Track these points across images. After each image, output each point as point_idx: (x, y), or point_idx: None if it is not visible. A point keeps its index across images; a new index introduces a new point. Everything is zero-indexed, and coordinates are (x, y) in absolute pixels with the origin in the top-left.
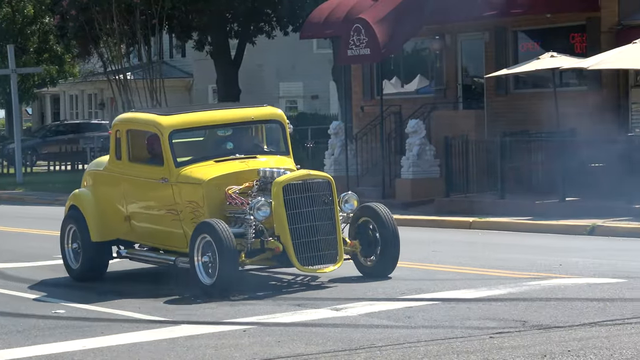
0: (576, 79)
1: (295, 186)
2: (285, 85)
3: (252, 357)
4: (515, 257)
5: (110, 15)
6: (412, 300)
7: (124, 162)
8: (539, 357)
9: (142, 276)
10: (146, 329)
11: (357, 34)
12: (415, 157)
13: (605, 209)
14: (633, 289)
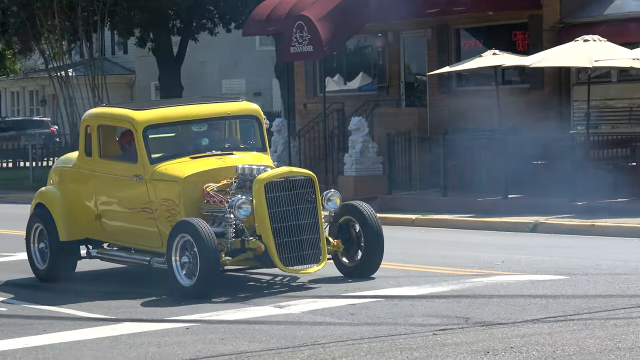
0: (518, 76)
1: (277, 184)
2: (227, 82)
3: (195, 354)
4: (458, 254)
5: (51, 12)
6: (355, 297)
7: (95, 159)
8: (481, 354)
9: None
10: (89, 327)
11: (300, 31)
12: (358, 155)
13: (548, 206)
14: (575, 285)
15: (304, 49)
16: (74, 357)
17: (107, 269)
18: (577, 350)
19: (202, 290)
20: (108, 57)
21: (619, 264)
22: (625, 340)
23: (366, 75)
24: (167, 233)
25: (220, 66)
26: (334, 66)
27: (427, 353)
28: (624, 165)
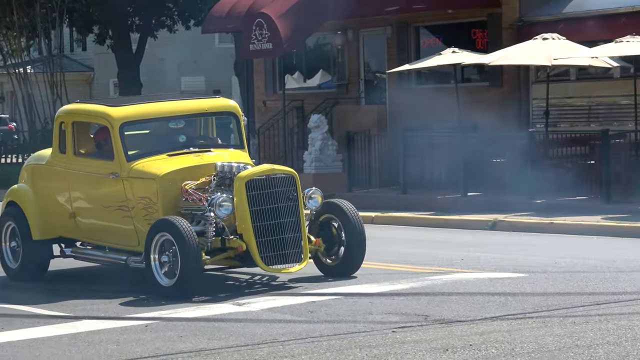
0: (478, 74)
1: (259, 182)
2: (187, 80)
3: (154, 352)
4: (417, 251)
5: (10, 8)
6: (315, 295)
7: (69, 156)
8: (441, 351)
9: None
10: (47, 325)
11: (260, 29)
12: (318, 152)
13: (507, 204)
14: (534, 283)
15: (263, 46)
16: (32, 355)
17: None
18: (535, 347)
19: (183, 290)
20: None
21: (578, 262)
22: (583, 338)
23: (326, 73)
24: (144, 231)
25: (180, 63)
26: (293, 64)
27: (387, 350)
28: (583, 164)
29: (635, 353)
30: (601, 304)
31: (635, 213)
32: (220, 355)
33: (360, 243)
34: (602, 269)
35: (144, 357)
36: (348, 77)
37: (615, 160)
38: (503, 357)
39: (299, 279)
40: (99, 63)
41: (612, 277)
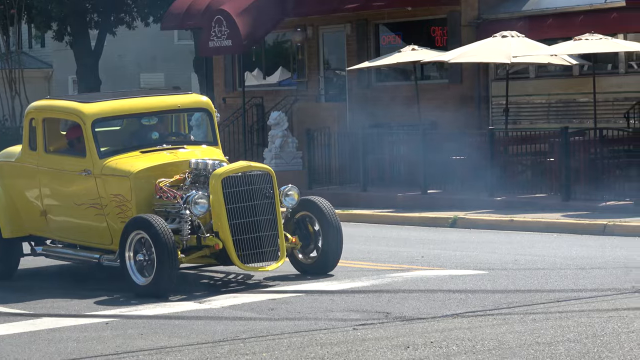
0: (437, 72)
1: (235, 179)
2: (146, 77)
3: (115, 349)
4: (378, 249)
5: None
6: (275, 292)
7: (40, 153)
8: (402, 349)
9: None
10: (7, 322)
11: (219, 26)
12: (278, 149)
13: (467, 201)
14: (494, 280)
15: (222, 43)
16: None
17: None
18: (496, 344)
19: (159, 289)
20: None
21: (538, 259)
22: (544, 335)
23: (285, 70)
24: (117, 229)
25: (139, 60)
26: (253, 61)
27: (348, 348)
28: (542, 161)
29: (595, 350)
30: (561, 302)
31: (595, 210)
32: (181, 353)
33: (337, 241)
34: (562, 266)
35: (104, 354)
36: (308, 74)
37: (575, 157)
38: (464, 354)
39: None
40: (58, 60)
41: (572, 275)
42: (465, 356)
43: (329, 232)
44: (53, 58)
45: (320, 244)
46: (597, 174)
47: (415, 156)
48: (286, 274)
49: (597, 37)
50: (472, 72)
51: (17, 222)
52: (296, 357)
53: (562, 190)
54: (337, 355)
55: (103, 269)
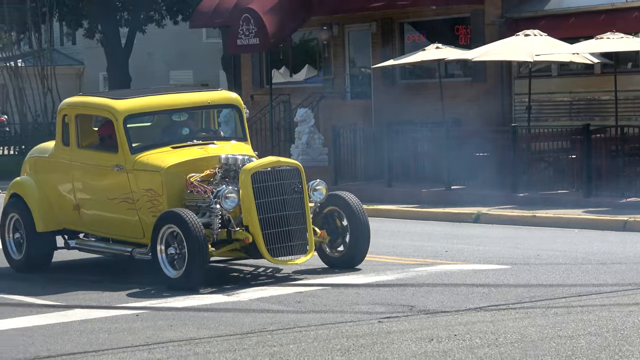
0: (461, 70)
1: (264, 174)
2: (175, 74)
3: (145, 340)
4: (402, 243)
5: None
6: (303, 285)
7: (73, 149)
8: (426, 341)
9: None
10: (40, 313)
11: (247, 24)
12: (304, 146)
13: (490, 197)
14: (517, 275)
15: (250, 41)
16: (25, 343)
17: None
18: (518, 337)
19: (190, 281)
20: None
21: (559, 254)
22: (565, 329)
23: (312, 68)
24: (149, 223)
25: (168, 58)
26: (280, 58)
27: (373, 340)
28: (564, 158)
29: (616, 344)
30: (582, 296)
31: (616, 206)
32: (210, 344)
33: (364, 236)
34: (584, 262)
35: (134, 345)
36: (334, 71)
37: (596, 154)
38: (487, 347)
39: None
40: (89, 57)
41: (593, 270)
42: (488, 349)
43: (356, 228)
44: (84, 55)
45: (347, 239)
46: (618, 170)
47: (439, 153)
48: (314, 267)
49: (619, 36)
50: (495, 70)
51: (51, 216)
52: (322, 349)
53: (583, 186)
54: (362, 347)
55: (135, 262)
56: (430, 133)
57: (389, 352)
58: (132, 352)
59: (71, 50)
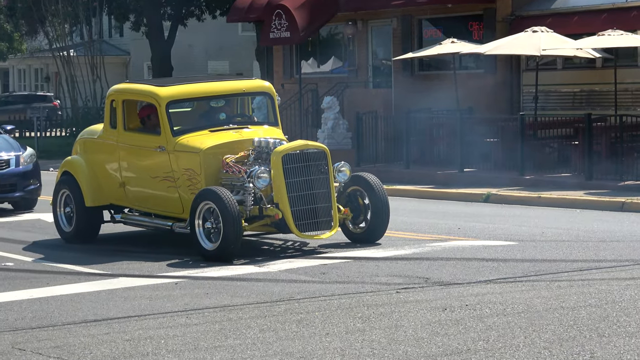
0: (474, 62)
1: (294, 156)
2: (213, 64)
3: (183, 307)
4: (419, 221)
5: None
6: (327, 258)
7: (119, 131)
8: (440, 310)
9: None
10: (88, 281)
11: (279, 19)
12: (330, 130)
13: (499, 179)
14: (523, 250)
15: (282, 34)
16: (74, 308)
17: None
18: (525, 308)
19: (225, 253)
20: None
21: (563, 232)
22: (568, 300)
23: (337, 59)
24: (188, 200)
25: (207, 49)
26: (308, 51)
27: (391, 309)
28: (568, 144)
29: (614, 315)
30: (584, 270)
31: (614, 189)
32: (242, 311)
33: (383, 212)
34: (585, 239)
35: (173, 311)
36: (358, 63)
37: (597, 141)
38: (496, 316)
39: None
40: (135, 48)
41: (593, 246)
42: (497, 318)
43: (377, 206)
44: (130, 46)
45: (369, 216)
46: (617, 156)
47: (453, 138)
48: (338, 242)
49: (619, 33)
50: (505, 63)
51: (99, 193)
52: (345, 316)
53: (585, 170)
54: (381, 316)
55: (174, 235)
56: (445, 120)
57: (406, 320)
58: (172, 317)
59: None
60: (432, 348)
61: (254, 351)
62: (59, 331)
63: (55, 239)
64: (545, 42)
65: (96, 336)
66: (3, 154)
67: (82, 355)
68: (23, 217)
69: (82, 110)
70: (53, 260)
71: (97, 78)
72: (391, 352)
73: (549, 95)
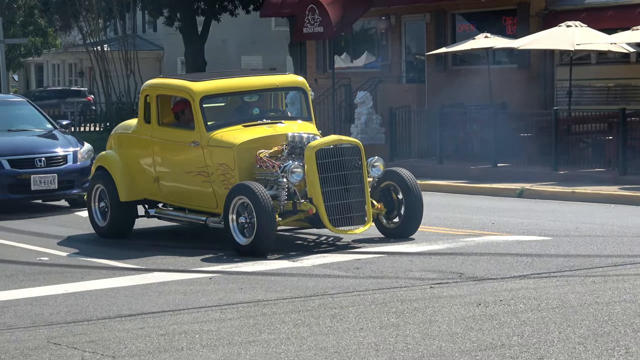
0: (507, 57)
1: (327, 151)
2: (246, 59)
3: (217, 302)
4: (452, 216)
5: None
6: (361, 253)
7: (153, 126)
8: (474, 305)
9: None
10: (122, 276)
11: (312, 14)
12: (363, 125)
13: (533, 174)
14: (557, 246)
15: (315, 29)
16: (109, 302)
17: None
18: (559, 303)
19: (259, 248)
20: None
21: (597, 227)
22: (602, 296)
23: (370, 54)
24: (222, 195)
25: (240, 44)
26: (341, 45)
27: (425, 304)
28: (602, 139)
29: None
30: (618, 266)
31: None
32: (276, 306)
33: (417, 208)
34: (619, 234)
35: (208, 306)
36: (391, 58)
37: (631, 136)
38: (530, 311)
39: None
40: (168, 43)
41: (628, 242)
42: (531, 313)
43: (410, 201)
44: (164, 41)
45: (402, 211)
46: None
47: (487, 133)
48: (371, 237)
49: None
50: (539, 58)
51: (133, 187)
52: (379, 311)
53: (619, 165)
54: (415, 311)
55: (208, 230)
56: (478, 115)
57: (440, 315)
58: (206, 312)
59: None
60: (467, 343)
61: (288, 346)
62: (94, 326)
63: (89, 233)
64: (579, 37)
65: (131, 331)
66: (60, 150)
67: (117, 349)
68: (58, 212)
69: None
70: (88, 255)
71: (131, 73)
72: (425, 347)
73: (583, 90)
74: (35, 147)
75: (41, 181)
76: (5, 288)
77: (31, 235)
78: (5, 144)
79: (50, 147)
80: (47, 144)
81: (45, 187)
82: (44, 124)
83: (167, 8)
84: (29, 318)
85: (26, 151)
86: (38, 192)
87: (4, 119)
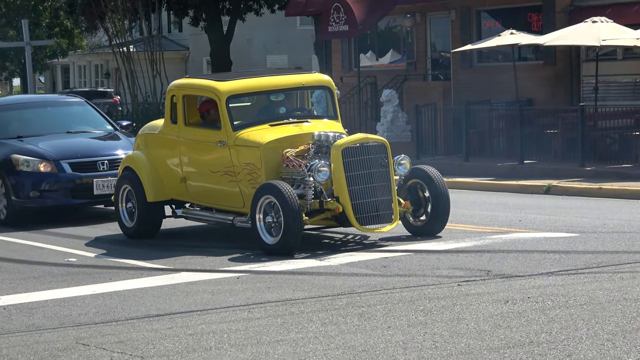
0: (533, 54)
1: (354, 149)
2: (271, 58)
3: (245, 301)
4: (479, 213)
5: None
6: (388, 251)
7: (180, 126)
8: (502, 303)
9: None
10: (150, 276)
11: (337, 12)
12: (389, 123)
13: (559, 171)
14: (585, 242)
15: (340, 28)
16: (137, 303)
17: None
18: (587, 300)
19: (285, 247)
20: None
21: (625, 223)
22: (631, 292)
23: (396, 52)
24: (249, 194)
25: (265, 43)
26: (367, 44)
27: (453, 302)
28: (629, 135)
29: None
30: None
31: None
32: (304, 305)
33: (444, 206)
34: None
35: (235, 305)
36: (416, 55)
37: None
38: (558, 308)
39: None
40: (194, 43)
41: None
42: (559, 310)
43: (437, 199)
44: (189, 41)
45: (429, 209)
46: None
47: (513, 130)
48: (398, 235)
49: None
50: (565, 54)
51: (160, 188)
52: (407, 310)
53: None
54: (443, 309)
55: (235, 230)
56: (504, 112)
57: (468, 313)
58: (234, 311)
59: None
60: (495, 341)
61: (316, 345)
62: (122, 326)
63: (117, 234)
64: (605, 33)
65: (159, 331)
66: (121, 152)
67: (146, 350)
68: (86, 213)
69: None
70: (115, 256)
71: (157, 73)
72: (453, 345)
73: (609, 85)
74: (97, 150)
75: (104, 185)
76: (33, 289)
77: (59, 236)
78: (65, 146)
79: (112, 149)
80: (109, 145)
81: (109, 191)
82: (103, 124)
83: (193, 8)
84: (57, 319)
85: (88, 154)
86: (101, 196)
87: (61, 120)
